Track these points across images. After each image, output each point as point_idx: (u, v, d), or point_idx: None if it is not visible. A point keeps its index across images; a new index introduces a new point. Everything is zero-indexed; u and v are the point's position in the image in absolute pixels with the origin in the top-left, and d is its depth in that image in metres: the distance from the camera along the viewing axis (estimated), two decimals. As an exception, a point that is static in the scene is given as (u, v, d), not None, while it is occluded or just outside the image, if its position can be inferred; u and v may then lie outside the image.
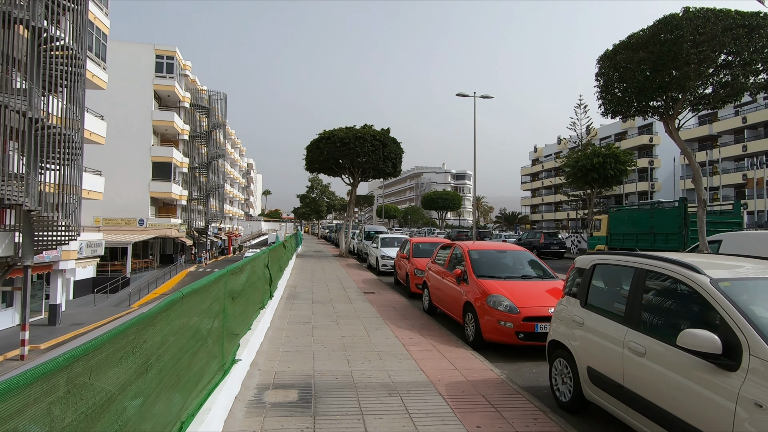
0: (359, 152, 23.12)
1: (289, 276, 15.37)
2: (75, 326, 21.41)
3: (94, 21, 24.26)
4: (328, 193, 65.82)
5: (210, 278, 3.84)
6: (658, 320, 3.74)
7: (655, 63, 11.51)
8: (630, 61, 12.24)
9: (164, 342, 2.64)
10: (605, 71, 13.41)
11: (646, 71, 11.78)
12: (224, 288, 4.33)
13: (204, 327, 3.64)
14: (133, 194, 38.68)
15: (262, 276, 7.43)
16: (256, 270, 6.67)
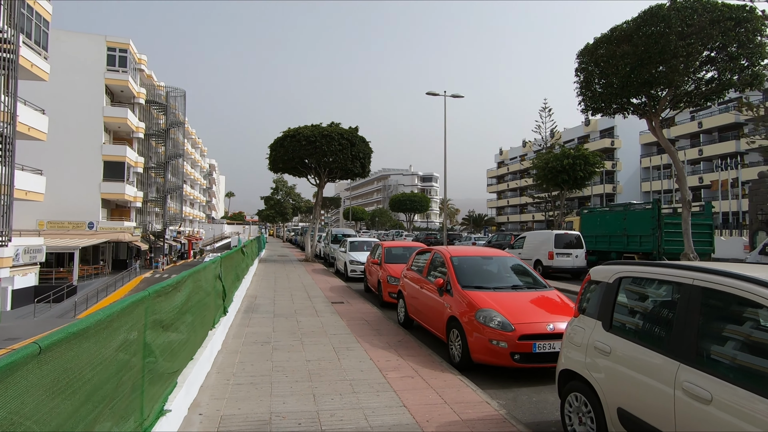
0: (326, 151, 21.95)
1: (250, 284, 14.08)
2: (8, 341, 19.25)
3: (34, 5, 22.14)
4: (294, 194, 64.03)
5: (117, 307, 2.70)
6: (728, 356, 2.86)
7: (641, 57, 10.97)
8: (612, 56, 11.67)
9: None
10: (585, 66, 12.85)
11: (630, 66, 11.22)
12: (144, 317, 3.19)
13: (107, 381, 2.51)
14: (82, 196, 36.02)
15: (212, 290, 6.24)
16: (203, 285, 5.49)
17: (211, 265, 6.27)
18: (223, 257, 7.57)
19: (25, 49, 21.28)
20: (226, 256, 7.99)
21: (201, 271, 5.43)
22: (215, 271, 6.66)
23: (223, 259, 7.54)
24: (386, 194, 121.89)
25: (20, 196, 21.19)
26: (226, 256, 7.90)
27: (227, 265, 8.22)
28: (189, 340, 4.69)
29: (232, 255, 9.16)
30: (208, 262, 6.09)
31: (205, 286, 5.60)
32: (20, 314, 25.17)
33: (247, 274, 14.11)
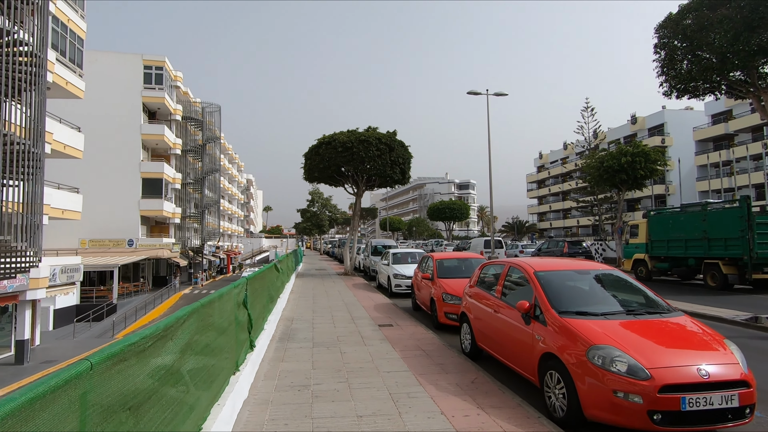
0: (363, 157, 20.60)
1: (286, 304, 12.73)
2: (45, 364, 18.75)
3: (68, 23, 22.03)
4: (330, 206, 63.23)
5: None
6: None
7: (746, 20, 8.97)
8: (703, 26, 9.74)
9: None
10: (667, 41, 10.94)
11: (732, 33, 9.23)
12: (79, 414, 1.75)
13: None
14: (122, 213, 36.20)
15: (232, 326, 4.82)
16: (215, 321, 4.06)
17: (231, 292, 4.86)
18: (251, 278, 6.17)
19: (60, 67, 21.11)
20: (255, 277, 6.60)
21: (214, 303, 4.00)
22: (238, 298, 5.25)
23: (250, 280, 6.14)
24: (422, 203, 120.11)
25: (56, 215, 20.87)
26: (254, 276, 6.50)
27: (256, 287, 6.83)
28: (195, 403, 3.25)
29: (263, 274, 7.78)
30: (227, 289, 4.68)
31: (219, 322, 4.17)
32: (61, 334, 24.95)
33: (283, 293, 12.80)
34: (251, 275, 6.32)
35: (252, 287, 6.29)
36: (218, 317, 4.16)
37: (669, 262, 19.10)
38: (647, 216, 20.26)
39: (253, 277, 6.46)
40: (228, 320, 4.62)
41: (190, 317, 3.22)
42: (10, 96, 14.51)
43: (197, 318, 3.41)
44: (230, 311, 4.74)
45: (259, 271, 7.40)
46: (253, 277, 6.39)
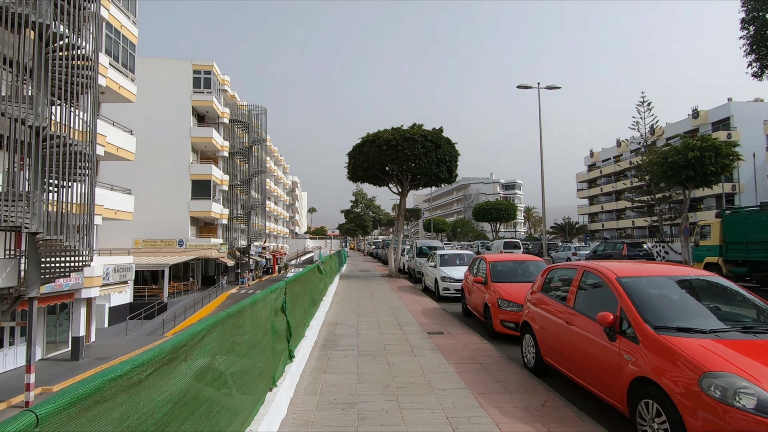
0: (408, 155, 19.91)
1: (329, 307, 12.22)
2: (99, 361, 19.23)
3: (121, 30, 22.66)
4: (373, 207, 62.95)
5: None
6: None
7: None
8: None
9: None
10: (757, 14, 9.59)
11: None
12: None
13: None
14: (173, 214, 37.29)
15: (266, 337, 4.25)
16: (246, 336, 3.47)
17: (267, 298, 4.28)
18: (290, 281, 5.61)
19: (113, 72, 21.70)
20: (295, 280, 6.04)
21: (245, 312, 3.42)
22: (275, 304, 4.68)
23: (290, 284, 5.57)
24: (466, 204, 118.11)
25: (110, 215, 21.45)
26: (294, 279, 5.94)
27: (297, 290, 6.27)
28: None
29: (304, 276, 7.23)
30: (262, 294, 4.10)
31: (251, 335, 3.58)
32: (115, 331, 25.75)
33: (326, 295, 12.30)
34: (291, 278, 5.76)
35: (292, 291, 5.73)
36: (250, 328, 3.58)
37: (748, 266, 17.23)
38: (721, 216, 18.42)
39: (293, 280, 5.90)
40: (263, 330, 4.04)
41: (211, 331, 2.63)
42: (65, 99, 14.85)
43: (222, 332, 2.83)
44: (265, 320, 4.16)
45: (300, 274, 6.86)
46: (293, 280, 5.83)
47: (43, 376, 16.92)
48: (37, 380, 16.31)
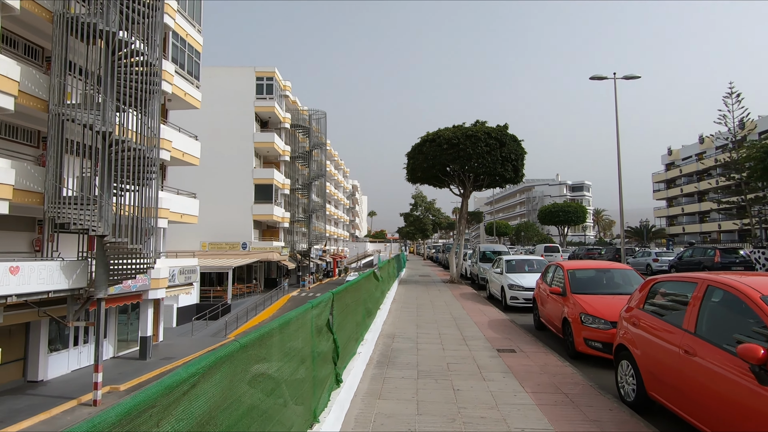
0: (471, 154, 18.73)
1: (387, 315, 11.39)
2: (164, 361, 19.66)
3: (186, 38, 23.31)
4: (433, 209, 61.68)
5: None
6: None
7: None
8: None
9: None
10: None
11: None
12: None
13: None
14: (237, 218, 38.29)
15: (305, 362, 3.45)
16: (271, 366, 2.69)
17: (306, 316, 3.50)
18: (338, 293, 4.82)
19: (179, 79, 22.30)
20: (345, 290, 5.25)
21: (271, 337, 2.64)
22: (317, 321, 3.88)
23: (338, 295, 4.78)
24: (530, 207, 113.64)
25: (175, 218, 22.02)
26: (344, 289, 5.15)
27: (348, 302, 5.48)
28: None
29: (357, 285, 6.44)
30: (297, 312, 3.31)
31: (279, 368, 2.79)
32: (182, 331, 26.50)
33: (383, 303, 11.50)
34: (339, 289, 4.98)
35: (341, 304, 4.94)
36: (280, 357, 2.80)
37: None
38: None
39: (343, 291, 5.11)
40: (299, 357, 3.25)
41: (210, 374, 1.85)
42: (132, 105, 15.21)
43: (230, 371, 2.04)
44: (303, 343, 3.37)
45: (351, 282, 6.06)
46: (342, 290, 5.04)
47: (112, 375, 17.43)
48: (107, 378, 16.83)
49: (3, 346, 15.63)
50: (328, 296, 4.40)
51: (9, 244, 15.59)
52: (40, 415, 13.09)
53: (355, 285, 6.22)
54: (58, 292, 13.48)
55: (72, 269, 14.02)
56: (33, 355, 16.36)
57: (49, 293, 13.17)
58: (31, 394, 15.00)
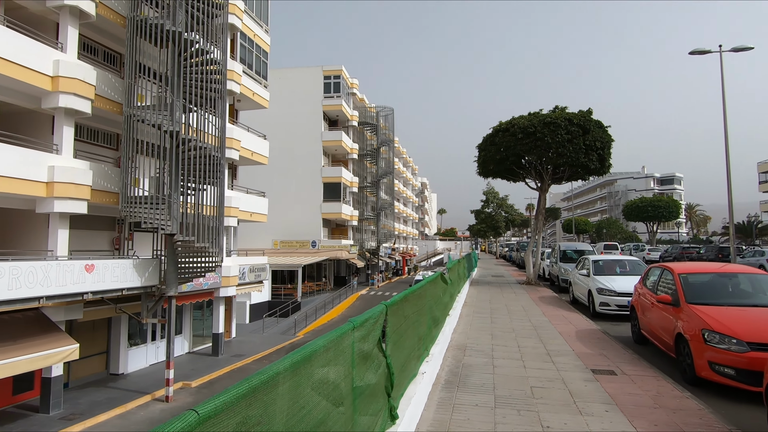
0: (549, 143, 16.98)
1: (457, 321, 10.26)
2: (235, 358, 19.88)
3: (254, 38, 23.51)
4: (506, 206, 58.98)
5: None
6: None
7: None
8: None
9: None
10: None
11: None
12: None
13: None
14: (307, 216, 38.73)
15: (345, 402, 2.51)
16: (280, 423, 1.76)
17: (343, 341, 2.57)
18: (394, 304, 3.85)
19: (247, 79, 22.51)
20: (402, 301, 4.26)
21: (275, 384, 1.71)
22: (360, 348, 2.93)
23: (393, 307, 3.81)
24: (612, 202, 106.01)
25: (245, 217, 22.25)
26: (400, 300, 4.16)
27: (407, 313, 4.50)
28: None
29: (419, 292, 5.42)
30: (339, 333, 2.39)
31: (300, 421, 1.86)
32: (254, 328, 26.97)
33: (453, 308, 10.39)
34: (396, 298, 4.00)
35: (398, 317, 3.96)
36: (297, 410, 1.88)
37: None
38: None
39: (401, 301, 4.13)
40: (332, 398, 2.32)
41: None
42: (199, 105, 15.30)
43: None
44: (339, 376, 2.44)
45: (413, 289, 5.07)
46: (399, 300, 4.06)
47: (185, 371, 17.79)
48: (181, 374, 17.20)
49: (87, 339, 16.43)
50: (379, 310, 3.45)
51: (92, 243, 16.31)
52: (116, 409, 13.43)
53: (417, 291, 5.22)
54: (131, 289, 13.78)
55: (144, 267, 14.30)
56: (114, 349, 17.05)
57: (123, 290, 13.47)
58: (111, 387, 15.57)
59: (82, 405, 13.75)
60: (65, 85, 13.04)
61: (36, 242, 14.16)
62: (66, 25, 13.68)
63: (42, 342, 11.91)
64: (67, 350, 12.18)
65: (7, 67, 11.73)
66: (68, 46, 13.64)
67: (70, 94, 13.17)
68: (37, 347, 11.65)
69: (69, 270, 11.70)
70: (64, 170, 12.83)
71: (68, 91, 13.11)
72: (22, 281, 10.54)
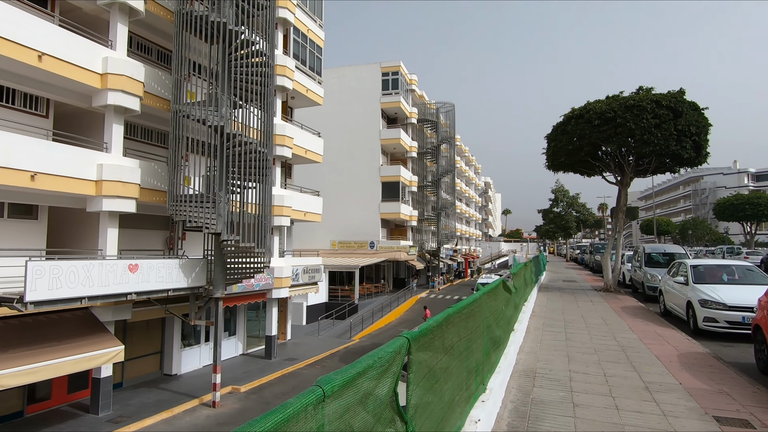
0: (633, 130, 14.69)
1: (523, 338, 8.62)
2: (288, 362, 19.25)
3: (308, 33, 22.91)
4: (577, 205, 54.94)
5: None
6: None
7: None
8: None
9: None
10: None
11: None
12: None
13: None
14: (365, 216, 37.96)
15: None
16: None
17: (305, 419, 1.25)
18: (423, 334, 2.50)
19: (300, 75, 21.92)
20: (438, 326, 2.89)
21: None
22: (352, 421, 1.61)
23: (421, 341, 2.46)
24: (698, 201, 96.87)
25: (298, 216, 21.65)
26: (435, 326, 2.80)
27: (448, 342, 3.13)
28: None
29: (470, 309, 4.00)
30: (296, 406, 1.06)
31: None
32: (309, 330, 26.43)
33: (518, 320, 8.79)
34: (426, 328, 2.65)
35: (431, 352, 2.61)
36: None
37: None
38: None
39: (436, 328, 2.77)
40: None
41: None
42: (244, 99, 14.71)
43: None
44: None
45: (457, 308, 3.66)
46: (432, 328, 2.71)
47: (237, 374, 17.35)
48: (232, 377, 16.76)
49: (141, 339, 16.40)
50: (397, 346, 2.13)
51: (147, 242, 16.25)
52: (163, 413, 13.05)
53: (467, 308, 3.83)
54: (177, 290, 13.35)
55: (191, 268, 13.86)
56: (168, 350, 16.92)
57: (168, 291, 13.06)
58: (163, 389, 15.36)
59: (132, 407, 13.52)
60: (113, 82, 12.85)
61: (91, 241, 14.17)
62: (116, 22, 13.54)
63: (88, 343, 11.69)
64: (112, 352, 11.89)
65: (57, 65, 11.63)
66: (117, 44, 13.48)
67: (118, 91, 12.96)
68: (82, 348, 11.42)
69: (111, 270, 11.36)
70: (112, 168, 12.61)
71: (116, 88, 12.91)
72: (62, 281, 10.25)
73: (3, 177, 10.52)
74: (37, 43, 11.22)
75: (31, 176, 11.07)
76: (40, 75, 11.82)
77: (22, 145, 10.90)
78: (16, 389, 12.39)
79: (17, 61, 10.95)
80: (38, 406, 13.10)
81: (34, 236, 12.92)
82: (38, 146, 11.24)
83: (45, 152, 11.34)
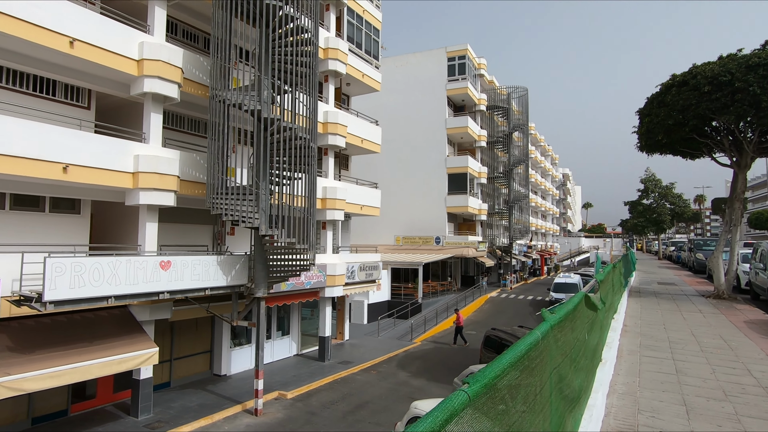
0: (758, 96, 11.56)
1: (614, 370, 6.39)
2: (342, 365, 17.99)
3: (363, 15, 21.42)
4: (672, 195, 48.82)
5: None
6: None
7: None
8: None
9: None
10: None
11: None
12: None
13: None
14: (430, 210, 36.05)
15: None
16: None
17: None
18: None
19: (355, 59, 20.53)
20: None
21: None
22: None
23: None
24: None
25: (354, 210, 20.32)
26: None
27: None
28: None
29: (528, 360, 2.12)
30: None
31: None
32: (369, 330, 25.09)
33: (606, 342, 6.58)
34: None
35: None
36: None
37: None
38: None
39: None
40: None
41: None
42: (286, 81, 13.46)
43: None
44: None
45: (509, 360, 1.81)
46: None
47: (287, 377, 16.37)
48: (281, 380, 15.77)
49: (190, 338, 15.85)
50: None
51: (195, 238, 15.65)
52: (201, 420, 12.20)
53: (523, 355, 1.97)
54: (215, 289, 12.42)
55: (230, 265, 12.89)
56: (217, 350, 16.28)
57: (206, 290, 12.17)
58: (209, 391, 14.66)
59: (173, 410, 12.84)
60: (149, 68, 12.09)
61: (134, 237, 13.69)
62: (153, 5, 12.83)
63: (122, 344, 11.02)
64: (144, 354, 11.14)
65: (90, 51, 11.02)
66: (156, 28, 12.76)
67: (155, 78, 12.19)
68: (114, 350, 10.74)
69: (141, 267, 10.56)
70: (148, 159, 11.87)
71: (152, 74, 12.14)
72: (86, 279, 9.54)
73: (33, 169, 10.01)
74: (67, 29, 10.61)
75: (63, 168, 10.50)
76: (74, 63, 11.26)
77: (53, 135, 10.35)
78: (58, 388, 12.12)
79: (47, 48, 10.40)
80: (83, 405, 12.79)
81: (77, 231, 12.53)
82: (70, 137, 10.65)
83: (78, 143, 10.74)
